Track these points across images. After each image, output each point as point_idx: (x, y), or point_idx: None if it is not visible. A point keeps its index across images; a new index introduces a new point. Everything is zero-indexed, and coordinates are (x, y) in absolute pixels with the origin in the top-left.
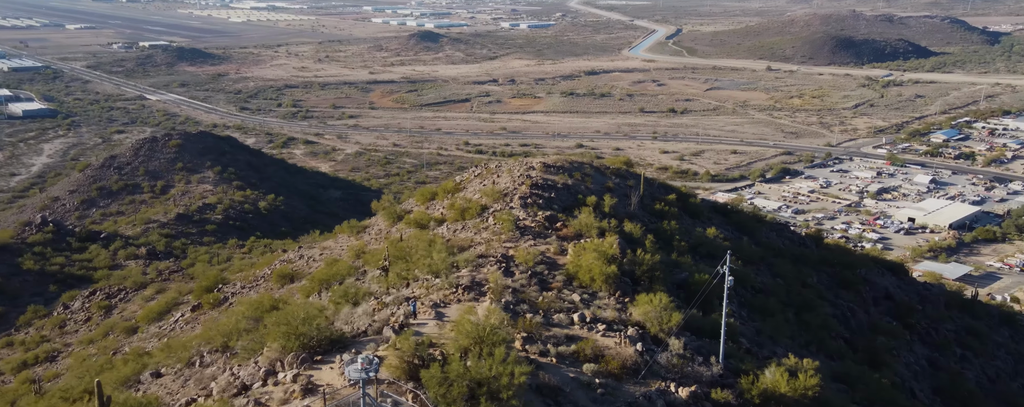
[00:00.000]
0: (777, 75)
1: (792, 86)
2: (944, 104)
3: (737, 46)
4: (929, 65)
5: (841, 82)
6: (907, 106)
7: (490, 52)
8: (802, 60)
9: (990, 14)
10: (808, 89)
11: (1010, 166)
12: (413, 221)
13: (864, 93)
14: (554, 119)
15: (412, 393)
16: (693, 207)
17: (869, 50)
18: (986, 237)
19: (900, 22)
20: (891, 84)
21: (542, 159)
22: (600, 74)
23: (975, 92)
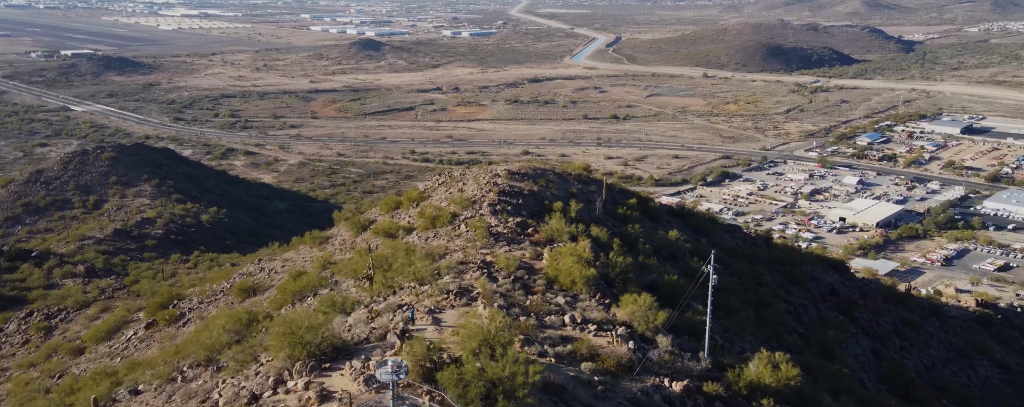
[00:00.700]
0: (713, 82)
1: (728, 92)
2: (867, 109)
3: (674, 54)
4: (852, 72)
5: (773, 88)
6: (834, 111)
7: (433, 60)
8: (736, 67)
9: (904, 24)
10: (743, 95)
11: (928, 167)
12: (381, 230)
13: (794, 99)
14: (500, 126)
15: (428, 395)
16: (652, 211)
17: (797, 58)
18: (910, 234)
19: (825, 31)
20: (818, 90)
21: (506, 166)
22: (543, 81)
23: (894, 97)
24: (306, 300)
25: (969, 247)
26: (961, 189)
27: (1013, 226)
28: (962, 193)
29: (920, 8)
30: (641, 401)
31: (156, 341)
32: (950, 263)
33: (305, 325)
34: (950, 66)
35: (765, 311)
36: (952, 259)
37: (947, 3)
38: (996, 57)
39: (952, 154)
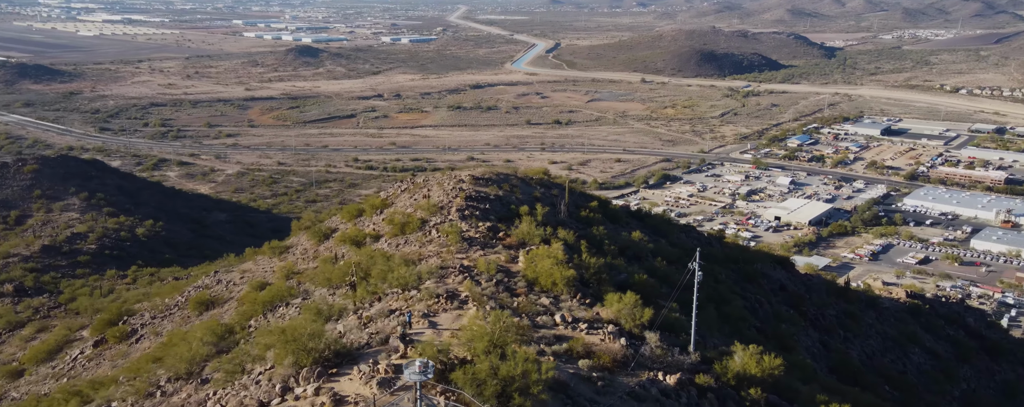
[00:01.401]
0: (651, 87)
1: (665, 97)
2: (795, 112)
3: (613, 59)
4: (780, 77)
5: (708, 93)
6: (765, 114)
7: (373, 67)
8: (672, 72)
9: (825, 31)
10: (680, 100)
11: (853, 167)
12: (348, 238)
13: (728, 103)
14: (443, 133)
15: (443, 395)
16: (613, 213)
17: (729, 63)
18: (839, 231)
19: (754, 38)
20: (750, 94)
21: (470, 172)
22: (485, 87)
23: (820, 101)
24: (277, 310)
25: (893, 242)
26: (883, 187)
27: (930, 221)
28: (884, 191)
29: (839, 16)
30: (639, 395)
31: (107, 359)
32: (876, 258)
33: (307, 332)
34: (868, 71)
35: (726, 307)
36: (878, 254)
37: (863, 12)
38: (908, 62)
39: (874, 154)
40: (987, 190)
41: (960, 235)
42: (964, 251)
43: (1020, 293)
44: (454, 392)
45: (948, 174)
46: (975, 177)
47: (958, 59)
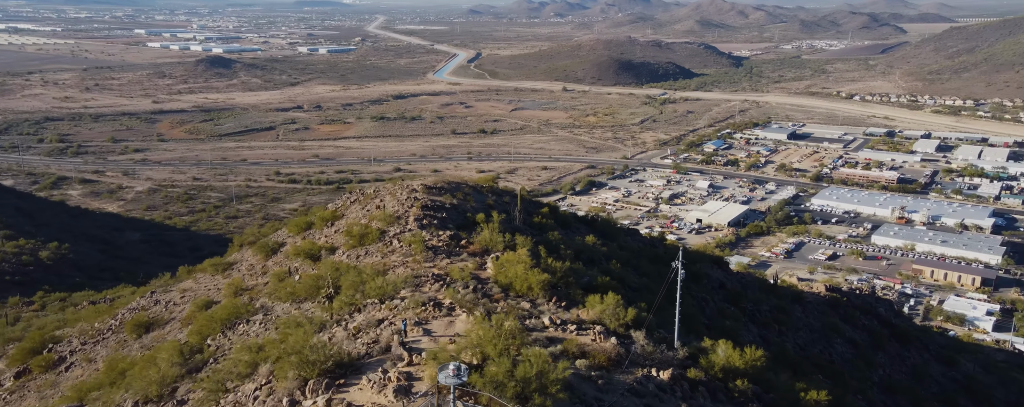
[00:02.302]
0: (572, 95)
1: (587, 105)
2: (709, 118)
3: (534, 68)
4: (694, 85)
5: (627, 100)
6: (681, 121)
7: (291, 78)
8: (592, 81)
9: (732, 41)
10: (601, 108)
11: (764, 169)
12: (301, 252)
13: (647, 110)
14: (368, 144)
15: (461, 400)
16: (563, 218)
17: (646, 72)
18: (756, 231)
19: (667, 47)
20: (667, 102)
21: (422, 181)
22: (408, 98)
23: (731, 107)
24: (236, 327)
25: (804, 240)
26: (793, 189)
27: (835, 219)
28: (794, 192)
29: (744, 27)
30: (638, 391)
31: (32, 391)
32: (790, 255)
33: (308, 344)
34: (773, 79)
35: (680, 306)
36: (792, 252)
37: (765, 23)
38: (808, 71)
39: (782, 158)
40: (883, 189)
41: (862, 232)
42: (866, 246)
43: (916, 283)
44: (471, 395)
45: (848, 175)
46: (871, 177)
47: (850, 68)
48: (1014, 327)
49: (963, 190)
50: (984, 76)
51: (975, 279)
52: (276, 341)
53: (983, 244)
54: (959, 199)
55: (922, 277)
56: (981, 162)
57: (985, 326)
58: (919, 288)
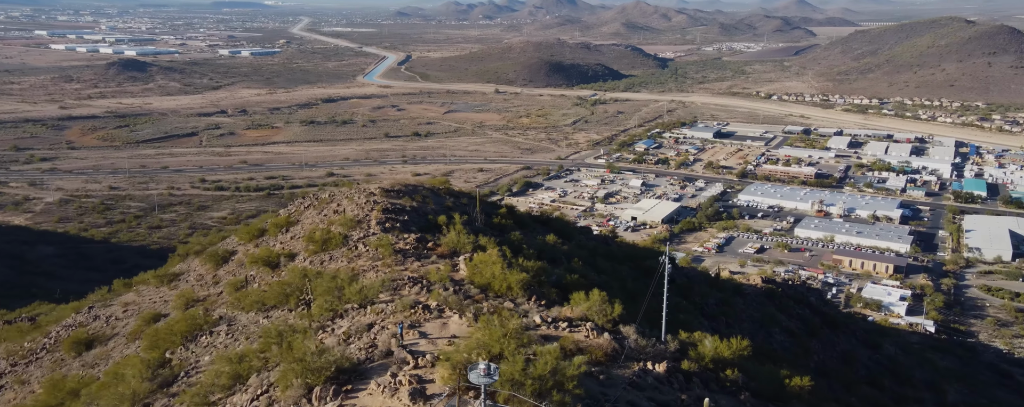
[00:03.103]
0: (505, 97)
1: (519, 106)
2: (639, 118)
3: (465, 70)
4: (623, 86)
5: (558, 102)
6: (613, 121)
7: (212, 81)
8: (524, 83)
9: (656, 43)
10: (533, 109)
11: (693, 167)
12: (259, 259)
13: (578, 111)
14: (298, 149)
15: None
16: (521, 218)
17: (576, 73)
18: (688, 227)
19: (595, 49)
20: (598, 102)
21: (379, 184)
22: (338, 101)
23: (659, 107)
24: (199, 339)
25: (734, 235)
26: (720, 185)
27: (761, 214)
28: (722, 189)
29: (667, 30)
30: (639, 384)
31: None
32: (722, 250)
33: (310, 352)
34: (697, 80)
35: (640, 300)
36: (722, 246)
37: (687, 26)
38: (728, 72)
39: (710, 156)
40: (802, 184)
41: (785, 225)
42: (790, 239)
43: (837, 273)
44: (488, 395)
45: (771, 171)
46: (792, 173)
47: (767, 69)
48: (924, 311)
49: (873, 183)
50: (886, 76)
51: (888, 267)
52: (256, 351)
53: (893, 234)
54: (870, 192)
55: (842, 266)
56: (888, 157)
57: (899, 311)
58: (839, 277)
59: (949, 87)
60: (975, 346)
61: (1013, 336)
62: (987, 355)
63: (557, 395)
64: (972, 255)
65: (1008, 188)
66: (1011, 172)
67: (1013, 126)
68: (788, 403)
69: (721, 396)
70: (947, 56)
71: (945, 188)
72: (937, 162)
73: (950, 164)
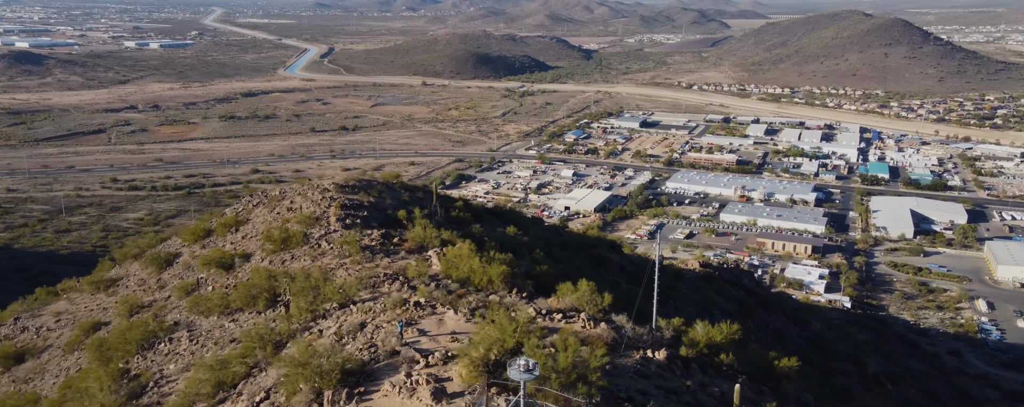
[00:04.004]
0: (433, 89)
1: (448, 99)
2: (567, 109)
3: (391, 63)
4: (549, 77)
5: (487, 94)
6: (541, 112)
7: (119, 75)
8: (451, 75)
9: (580, 35)
10: (462, 101)
11: (622, 156)
12: (211, 261)
13: (507, 103)
14: (218, 145)
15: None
16: (477, 211)
17: (503, 65)
18: (620, 215)
19: (521, 41)
20: (526, 94)
21: (332, 180)
22: (259, 95)
23: (586, 98)
24: (157, 347)
25: (664, 221)
26: (649, 174)
27: (688, 200)
28: (650, 177)
29: (590, 22)
30: (643, 372)
31: None
32: (653, 236)
33: (319, 354)
34: (621, 71)
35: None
36: (654, 233)
37: (609, 18)
38: (651, 63)
39: (637, 145)
40: (725, 171)
41: (711, 211)
42: (717, 224)
43: (761, 255)
44: (511, 390)
45: (695, 159)
46: (715, 160)
47: (687, 60)
48: (841, 288)
49: (789, 169)
50: (796, 67)
51: (807, 248)
52: (237, 356)
53: (810, 216)
54: (787, 177)
55: (765, 249)
56: (801, 143)
57: (818, 289)
58: (764, 259)
59: (852, 76)
60: (886, 319)
61: (918, 308)
62: (897, 327)
63: (582, 388)
64: (879, 234)
65: (907, 170)
66: (909, 155)
67: (908, 113)
68: (779, 383)
69: (720, 381)
70: (849, 47)
71: (853, 172)
72: (845, 147)
73: (856, 149)
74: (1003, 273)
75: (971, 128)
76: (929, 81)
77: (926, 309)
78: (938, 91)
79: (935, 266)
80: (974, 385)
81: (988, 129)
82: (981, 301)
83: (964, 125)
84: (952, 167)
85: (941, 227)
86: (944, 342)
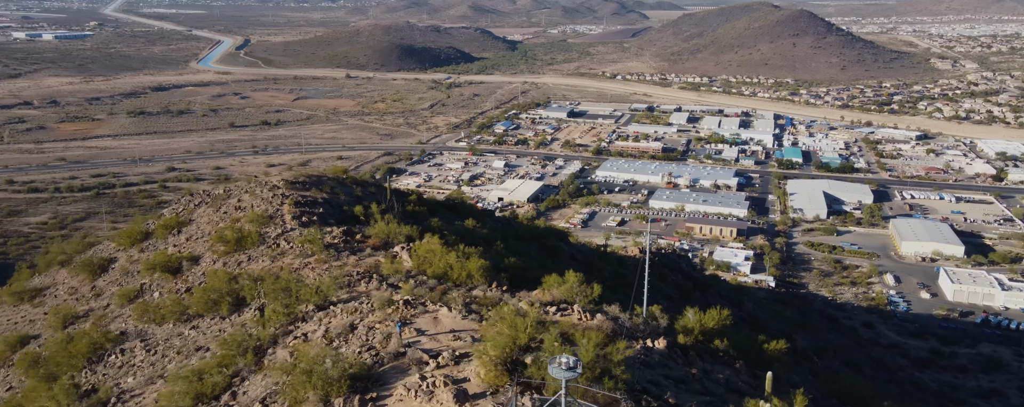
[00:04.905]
0: (357, 82)
1: (373, 91)
2: (495, 100)
3: (312, 55)
4: (476, 68)
5: (413, 86)
6: (469, 104)
7: (9, 69)
8: (376, 67)
9: (504, 26)
10: (388, 94)
11: (552, 147)
12: (155, 265)
13: (434, 94)
14: (129, 143)
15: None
16: (431, 204)
17: (429, 57)
18: (553, 205)
19: (446, 32)
20: (453, 86)
21: (281, 176)
22: (171, 89)
23: (513, 89)
24: (106, 359)
25: (596, 210)
26: (579, 163)
27: (618, 188)
28: (580, 166)
29: (513, 13)
30: (648, 362)
31: None
32: (586, 224)
33: (324, 359)
34: (546, 61)
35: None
36: (587, 221)
37: (531, 9)
38: (575, 54)
39: (565, 134)
40: (652, 158)
41: (640, 198)
42: (647, 211)
43: (690, 239)
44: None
45: (623, 147)
46: (641, 148)
47: (609, 50)
48: (765, 268)
49: (712, 155)
50: (713, 56)
51: (732, 231)
52: (214, 365)
53: (733, 200)
54: (710, 163)
55: (694, 233)
56: (721, 130)
57: (745, 270)
58: (693, 243)
59: (764, 65)
60: (807, 296)
61: (834, 284)
62: (817, 303)
63: (608, 382)
64: (797, 215)
65: (818, 154)
66: (819, 140)
67: (816, 100)
68: (771, 367)
69: (719, 367)
70: (760, 38)
71: (769, 157)
72: (761, 133)
73: (772, 135)
74: (907, 248)
75: (872, 113)
76: (833, 70)
77: (841, 285)
78: (841, 79)
79: (847, 244)
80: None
81: (887, 114)
82: (889, 275)
83: (866, 111)
84: (857, 150)
85: (851, 207)
86: (859, 315)
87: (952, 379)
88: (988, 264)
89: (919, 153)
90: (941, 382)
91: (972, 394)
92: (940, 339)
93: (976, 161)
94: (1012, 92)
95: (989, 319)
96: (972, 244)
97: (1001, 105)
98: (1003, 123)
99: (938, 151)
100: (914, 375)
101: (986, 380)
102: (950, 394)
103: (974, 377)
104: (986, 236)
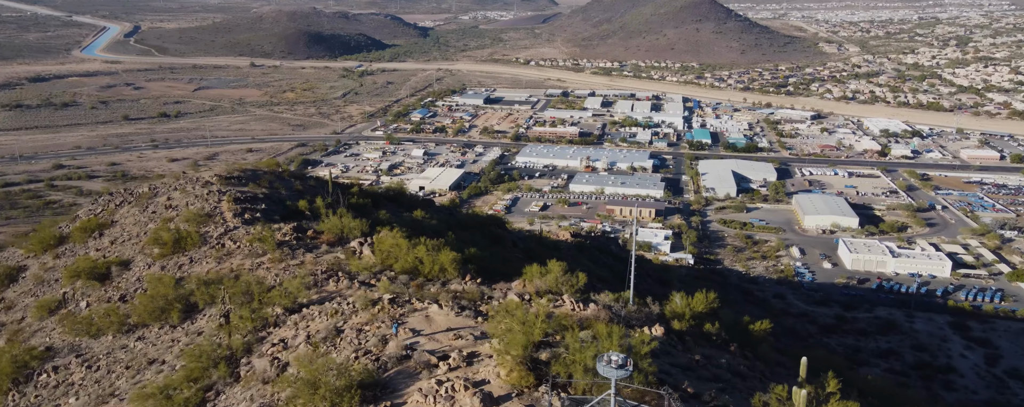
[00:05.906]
0: (263, 71)
1: (281, 81)
2: (410, 88)
3: (212, 43)
4: (388, 56)
5: (323, 74)
6: (384, 92)
7: None
8: (282, 55)
9: (414, 12)
10: (297, 83)
11: (470, 134)
12: (80, 272)
13: (347, 83)
14: (6, 139)
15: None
16: (374, 196)
17: (338, 44)
18: (475, 192)
19: (355, 19)
20: (365, 74)
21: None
22: (52, 80)
23: (428, 77)
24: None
25: (518, 195)
26: (498, 149)
27: (539, 173)
28: (500, 152)
29: None
30: (652, 350)
31: None
32: (510, 210)
33: (326, 370)
34: (459, 48)
35: (507, 267)
36: (510, 207)
37: None
38: (487, 40)
39: (483, 121)
40: (569, 143)
41: (561, 182)
42: (568, 195)
43: (612, 222)
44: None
45: (540, 133)
46: (559, 133)
47: (521, 36)
48: (684, 247)
49: (627, 138)
50: (622, 42)
51: (651, 212)
52: (181, 379)
53: (649, 182)
54: (625, 146)
55: (614, 215)
56: (634, 114)
57: (665, 249)
58: (615, 225)
59: (671, 50)
60: (723, 271)
61: (747, 259)
62: (733, 278)
63: (638, 376)
64: (709, 195)
65: (725, 135)
66: (725, 121)
67: (720, 83)
68: (758, 348)
69: (715, 352)
70: (666, 23)
71: (681, 138)
72: (672, 116)
73: (682, 117)
74: (809, 222)
75: (771, 95)
76: (734, 54)
77: (753, 259)
78: (742, 63)
79: (756, 220)
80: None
81: (784, 96)
82: (794, 248)
83: (765, 93)
84: (760, 131)
85: (757, 185)
86: (770, 287)
87: (854, 342)
88: (879, 234)
89: (814, 132)
90: (846, 345)
91: (873, 355)
92: (842, 305)
93: (863, 138)
94: (890, 73)
95: (883, 285)
96: (865, 215)
97: (881, 86)
98: (884, 102)
99: (830, 129)
100: (822, 340)
101: (883, 341)
102: (854, 356)
103: (873, 339)
104: (876, 208)
